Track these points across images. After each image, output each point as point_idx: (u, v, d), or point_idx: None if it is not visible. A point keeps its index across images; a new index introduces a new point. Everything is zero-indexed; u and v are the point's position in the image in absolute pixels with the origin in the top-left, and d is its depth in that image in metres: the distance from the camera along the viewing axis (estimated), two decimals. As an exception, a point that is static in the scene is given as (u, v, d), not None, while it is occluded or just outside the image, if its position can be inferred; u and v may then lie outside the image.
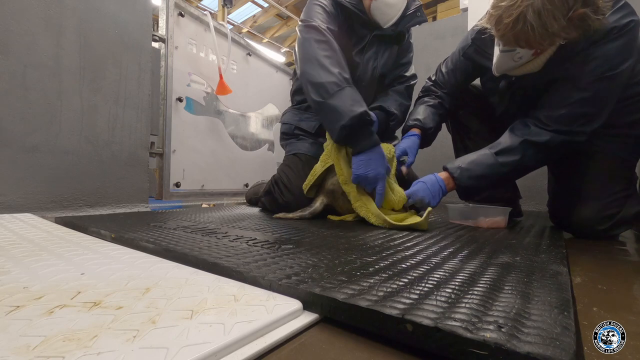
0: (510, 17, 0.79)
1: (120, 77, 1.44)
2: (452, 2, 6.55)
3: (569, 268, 0.62)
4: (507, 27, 0.81)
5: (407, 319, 0.33)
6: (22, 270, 0.50)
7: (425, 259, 0.59)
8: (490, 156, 0.99)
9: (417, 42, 1.44)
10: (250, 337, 0.33)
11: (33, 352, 0.28)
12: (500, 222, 1.03)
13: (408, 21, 1.24)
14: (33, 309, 0.36)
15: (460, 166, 1.02)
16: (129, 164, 1.47)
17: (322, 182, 1.19)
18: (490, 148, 1.02)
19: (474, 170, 1.00)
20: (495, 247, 0.70)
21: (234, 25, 8.42)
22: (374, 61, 1.27)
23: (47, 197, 1.23)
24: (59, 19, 1.25)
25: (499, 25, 0.83)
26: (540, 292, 0.43)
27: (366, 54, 1.26)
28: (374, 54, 1.26)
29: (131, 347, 0.29)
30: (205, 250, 0.61)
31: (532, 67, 0.94)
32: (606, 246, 0.91)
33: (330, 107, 1.01)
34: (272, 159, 2.55)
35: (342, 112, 0.98)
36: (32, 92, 1.19)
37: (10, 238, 0.73)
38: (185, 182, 1.87)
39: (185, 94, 1.87)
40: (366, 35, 1.24)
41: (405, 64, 1.38)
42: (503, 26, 0.82)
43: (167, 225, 0.91)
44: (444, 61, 1.30)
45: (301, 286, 0.42)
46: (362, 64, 1.26)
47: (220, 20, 6.39)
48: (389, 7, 1.16)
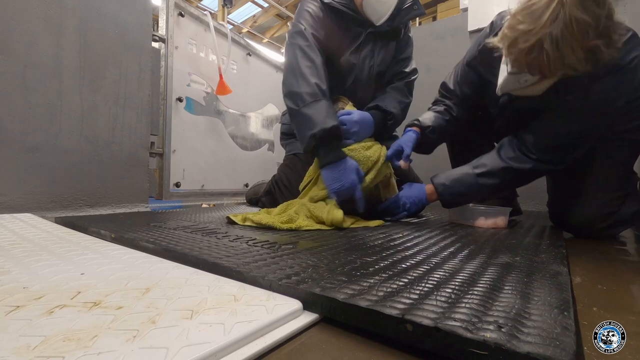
0: (527, 42, 0.75)
1: (120, 77, 1.44)
2: (452, 2, 6.56)
3: (569, 268, 0.62)
4: (521, 52, 0.77)
5: (407, 319, 0.33)
6: (22, 270, 0.50)
7: (425, 259, 0.59)
8: (472, 176, 1.04)
9: (417, 42, 1.42)
10: (250, 337, 0.33)
11: (33, 352, 0.28)
12: (501, 223, 1.03)
13: (405, 15, 1.21)
14: (33, 309, 0.36)
15: (445, 183, 1.08)
16: (129, 164, 1.47)
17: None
18: (474, 167, 1.05)
19: (456, 187, 1.06)
20: (495, 247, 0.70)
21: (234, 25, 8.43)
22: (370, 59, 1.25)
23: (47, 197, 1.23)
24: (59, 19, 1.25)
25: (513, 49, 0.79)
26: (540, 292, 0.43)
27: (362, 53, 1.24)
28: (370, 52, 1.25)
29: (131, 347, 0.29)
30: (205, 250, 0.61)
31: (533, 91, 0.90)
32: (606, 246, 0.91)
33: (304, 115, 1.02)
34: (272, 159, 2.55)
35: (315, 122, 1.00)
36: (32, 92, 1.19)
37: (10, 238, 0.73)
38: (185, 182, 1.87)
39: (185, 94, 1.87)
40: (361, 34, 1.22)
41: (405, 59, 1.35)
42: (517, 50, 0.78)
43: (167, 225, 0.91)
44: (449, 74, 1.26)
45: (301, 286, 0.42)
46: (358, 64, 1.24)
47: (220, 20, 6.39)
48: (380, 4, 1.14)
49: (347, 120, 1.10)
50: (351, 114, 1.12)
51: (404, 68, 1.34)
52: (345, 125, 1.09)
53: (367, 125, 1.14)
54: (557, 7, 0.71)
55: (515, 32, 0.77)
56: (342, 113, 1.12)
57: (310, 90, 1.03)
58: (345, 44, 1.22)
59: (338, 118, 1.07)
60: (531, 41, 0.74)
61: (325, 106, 1.02)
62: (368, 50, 1.24)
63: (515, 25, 0.77)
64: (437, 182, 1.09)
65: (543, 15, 0.72)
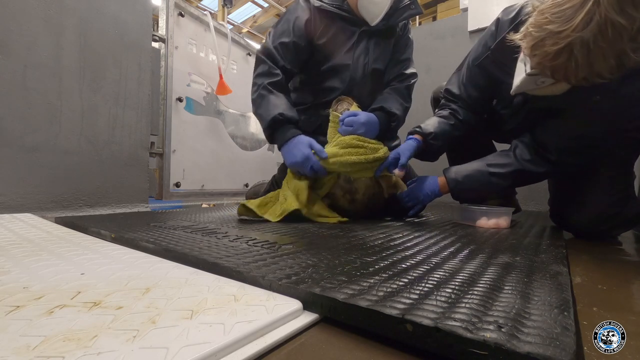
0: (555, 45, 0.68)
1: (120, 77, 1.44)
2: (452, 2, 6.56)
3: (569, 268, 0.62)
4: (546, 55, 0.70)
5: (407, 319, 0.33)
6: (22, 270, 0.50)
7: (425, 258, 0.59)
8: (486, 174, 1.04)
9: (417, 42, 1.42)
10: (250, 337, 0.33)
11: (33, 352, 0.28)
12: (503, 223, 1.03)
13: (401, 14, 1.23)
14: (33, 309, 0.36)
15: (457, 179, 1.08)
16: (129, 164, 1.47)
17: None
18: (488, 165, 1.05)
19: (467, 184, 1.07)
20: (495, 247, 0.70)
21: (234, 25, 8.42)
22: (365, 57, 1.26)
23: (47, 197, 1.23)
24: (59, 19, 1.25)
25: (538, 50, 0.72)
26: (540, 292, 0.43)
27: (356, 52, 1.25)
28: (364, 50, 1.26)
29: (131, 347, 0.29)
30: (205, 250, 0.61)
31: (554, 90, 0.85)
32: (606, 246, 0.91)
33: (258, 116, 1.19)
34: (272, 159, 2.55)
35: (264, 118, 1.15)
36: (32, 92, 1.19)
37: (10, 238, 0.73)
38: (185, 182, 1.87)
39: (185, 94, 1.87)
40: (355, 33, 1.24)
41: (405, 60, 1.35)
42: (542, 53, 0.71)
43: (167, 225, 0.91)
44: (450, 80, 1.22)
45: (301, 286, 0.42)
46: (352, 63, 1.25)
47: (220, 20, 6.39)
48: (373, 5, 1.16)
49: (354, 122, 1.12)
50: (357, 115, 1.14)
51: (404, 70, 1.35)
52: (352, 127, 1.12)
53: (373, 126, 1.17)
54: (593, 7, 0.63)
55: (542, 31, 0.69)
56: (348, 114, 1.14)
57: (258, 93, 1.18)
58: (339, 44, 1.24)
59: (345, 119, 1.12)
60: (560, 44, 0.67)
61: (271, 100, 1.15)
62: (362, 49, 1.25)
63: (542, 24, 0.69)
64: (449, 177, 1.10)
65: (576, 16, 0.65)
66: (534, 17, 0.72)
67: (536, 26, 0.71)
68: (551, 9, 0.69)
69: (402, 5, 1.22)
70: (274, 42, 1.21)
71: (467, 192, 1.08)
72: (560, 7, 0.67)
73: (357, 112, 1.15)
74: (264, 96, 1.16)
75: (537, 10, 0.72)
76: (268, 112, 1.13)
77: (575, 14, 0.65)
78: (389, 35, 1.29)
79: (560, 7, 0.67)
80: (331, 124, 1.18)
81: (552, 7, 0.68)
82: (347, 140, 1.09)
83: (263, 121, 1.15)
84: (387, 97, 1.29)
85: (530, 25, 0.72)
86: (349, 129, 1.12)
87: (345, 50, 1.24)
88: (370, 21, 1.20)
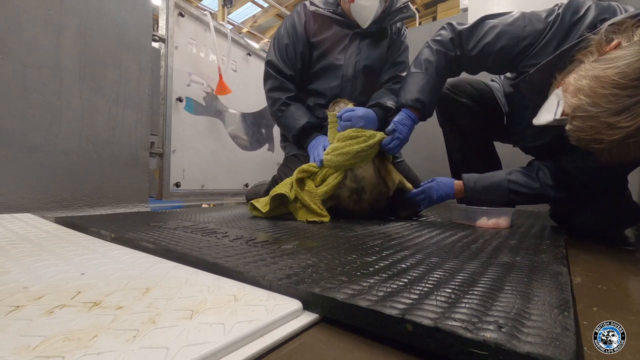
0: (611, 137, 0.62)
1: (120, 77, 1.44)
2: (452, 2, 6.56)
3: (569, 268, 0.61)
4: (593, 140, 0.65)
5: (407, 319, 0.33)
6: (22, 270, 0.50)
7: (425, 258, 0.59)
8: (505, 189, 1.05)
9: (417, 42, 1.42)
10: (250, 337, 0.33)
11: (33, 352, 0.28)
12: (503, 223, 1.03)
13: (393, 17, 1.29)
14: (33, 309, 0.36)
15: (475, 188, 1.08)
16: (129, 164, 1.47)
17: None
18: (509, 182, 1.04)
19: (484, 194, 1.08)
20: (495, 247, 0.70)
21: (234, 25, 8.42)
22: (357, 56, 1.33)
23: (47, 197, 1.23)
24: (59, 19, 1.25)
25: (585, 134, 0.66)
26: (540, 292, 0.43)
27: (347, 52, 1.32)
28: (356, 50, 1.32)
29: (131, 347, 0.29)
30: (205, 250, 0.61)
31: None
32: (606, 246, 0.91)
33: (283, 126, 1.36)
34: (272, 159, 2.55)
35: (292, 127, 1.30)
36: (32, 92, 1.19)
37: (10, 238, 0.73)
38: (185, 182, 1.87)
39: (185, 94, 1.87)
40: (348, 35, 1.31)
41: (401, 62, 1.40)
42: (589, 136, 0.66)
43: (167, 225, 0.91)
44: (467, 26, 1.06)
45: (301, 286, 0.42)
46: (344, 63, 1.32)
47: (220, 20, 6.39)
48: (363, 9, 1.23)
49: (352, 117, 1.16)
50: (354, 110, 1.18)
51: (400, 72, 1.39)
52: (351, 121, 1.16)
53: (371, 120, 1.20)
54: None
55: (594, 107, 0.63)
56: (346, 110, 1.18)
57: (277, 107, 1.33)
58: (334, 45, 1.32)
59: (343, 115, 1.17)
60: (617, 137, 0.62)
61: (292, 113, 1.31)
62: (354, 49, 1.32)
63: (597, 103, 0.63)
64: (468, 185, 1.10)
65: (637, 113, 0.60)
66: (593, 87, 0.64)
67: (594, 105, 0.63)
68: (610, 86, 0.61)
69: (395, 9, 1.28)
70: (277, 53, 1.32)
71: (480, 200, 1.09)
72: (631, 98, 0.60)
73: (354, 108, 1.19)
74: (285, 110, 1.31)
75: (600, 81, 0.63)
76: (295, 122, 1.29)
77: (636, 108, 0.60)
78: (381, 37, 1.35)
79: (632, 98, 0.60)
80: (330, 125, 1.22)
81: (612, 86, 0.61)
82: (346, 134, 1.13)
83: (290, 130, 1.31)
84: (382, 94, 1.34)
85: (587, 100, 0.64)
86: (347, 123, 1.15)
87: (338, 51, 1.32)
88: (362, 24, 1.26)
